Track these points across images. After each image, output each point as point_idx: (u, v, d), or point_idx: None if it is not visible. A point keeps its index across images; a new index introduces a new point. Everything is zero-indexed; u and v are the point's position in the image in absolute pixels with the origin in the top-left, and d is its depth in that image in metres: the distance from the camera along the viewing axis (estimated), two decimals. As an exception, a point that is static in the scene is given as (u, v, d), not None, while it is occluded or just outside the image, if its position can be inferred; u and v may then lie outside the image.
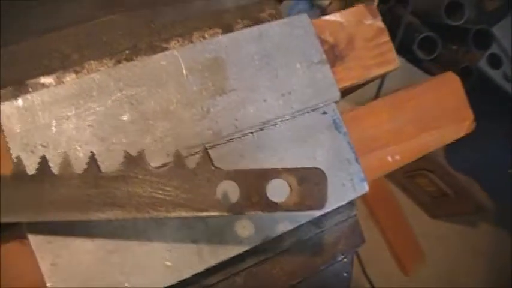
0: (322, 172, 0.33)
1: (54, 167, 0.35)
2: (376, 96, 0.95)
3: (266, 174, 0.33)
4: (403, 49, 1.05)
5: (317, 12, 1.29)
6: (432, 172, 1.29)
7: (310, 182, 0.33)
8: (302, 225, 0.43)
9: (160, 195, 0.33)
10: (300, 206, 0.33)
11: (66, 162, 0.34)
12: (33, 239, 0.37)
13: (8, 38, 0.43)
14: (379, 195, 1.36)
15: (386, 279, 1.33)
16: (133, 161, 0.33)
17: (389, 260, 1.36)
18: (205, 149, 0.35)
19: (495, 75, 1.13)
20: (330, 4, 1.32)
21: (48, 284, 0.36)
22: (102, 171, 0.34)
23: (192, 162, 0.34)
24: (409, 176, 1.37)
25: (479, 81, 1.13)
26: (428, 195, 1.39)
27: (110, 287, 0.37)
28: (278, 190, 0.33)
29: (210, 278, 0.42)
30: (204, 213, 0.33)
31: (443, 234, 1.43)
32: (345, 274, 0.47)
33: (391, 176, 1.40)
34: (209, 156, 0.34)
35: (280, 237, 0.43)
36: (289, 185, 0.33)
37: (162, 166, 0.36)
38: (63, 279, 0.37)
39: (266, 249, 0.43)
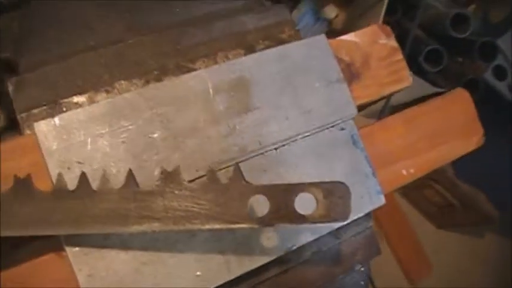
0: (346, 186, 0.36)
1: (92, 182, 0.37)
2: (384, 108, 0.97)
3: (294, 189, 0.35)
4: (409, 61, 1.07)
5: (324, 25, 1.32)
6: (438, 183, 1.31)
7: (335, 196, 0.35)
8: (322, 236, 0.46)
9: (195, 209, 0.36)
10: (326, 218, 0.35)
11: (104, 179, 0.37)
12: (70, 251, 0.39)
13: (41, 60, 0.46)
14: (386, 207, 1.38)
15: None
16: (169, 176, 0.36)
17: (396, 272, 1.38)
18: (237, 165, 0.38)
19: (501, 86, 1.16)
20: (336, 17, 1.35)
21: (84, 291, 0.39)
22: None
23: (223, 177, 0.36)
24: (415, 187, 1.39)
25: (485, 92, 1.16)
26: (434, 205, 1.41)
27: (142, 296, 0.40)
28: (305, 203, 0.36)
29: (236, 287, 0.44)
30: (236, 226, 0.36)
31: (449, 245, 1.45)
32: (362, 283, 0.50)
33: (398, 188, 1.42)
34: (241, 172, 0.36)
35: (302, 248, 0.45)
36: (316, 199, 0.36)
37: (194, 180, 0.39)
38: (98, 288, 0.39)
39: (289, 259, 0.46)
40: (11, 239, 0.38)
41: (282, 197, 0.35)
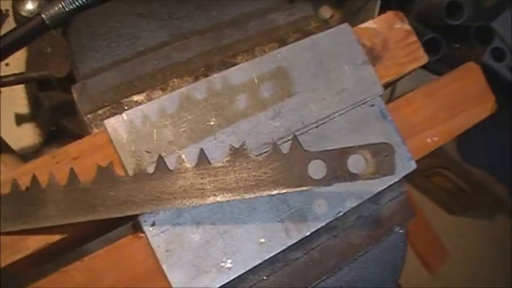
0: (391, 145, 0.43)
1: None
2: (391, 97, 1.05)
3: (346, 151, 0.43)
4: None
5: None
6: (447, 169, 1.39)
7: (381, 154, 0.43)
8: (362, 202, 0.53)
9: (262, 178, 0.43)
10: (375, 175, 0.43)
11: (180, 160, 0.44)
12: (148, 231, 0.46)
13: (97, 68, 0.53)
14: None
15: (412, 278, 1.41)
16: (237, 152, 0.43)
17: (414, 260, 1.46)
18: (295, 136, 0.45)
19: (500, 68, 1.24)
20: (331, 17, 1.44)
21: (164, 266, 0.46)
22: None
23: (283, 149, 0.44)
24: (425, 176, 1.47)
25: (486, 75, 1.24)
26: (445, 192, 1.49)
27: (215, 265, 0.47)
28: (356, 164, 0.43)
29: (293, 253, 0.51)
30: (299, 189, 0.43)
31: (464, 231, 1.53)
32: (402, 244, 0.57)
33: (408, 178, 1.49)
34: (299, 142, 0.44)
35: (346, 215, 0.53)
36: (365, 159, 0.43)
37: (259, 154, 0.47)
38: (175, 262, 0.46)
39: (335, 225, 0.53)
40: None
41: (337, 159, 0.43)
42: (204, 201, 0.43)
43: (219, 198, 0.43)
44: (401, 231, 0.57)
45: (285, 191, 0.43)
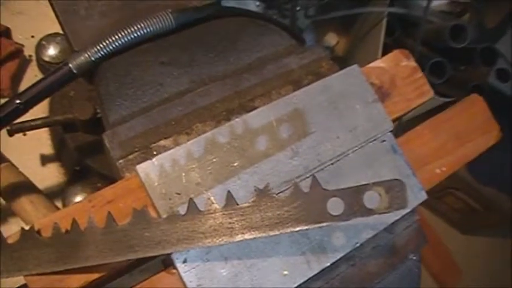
0: (402, 181, 0.48)
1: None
2: (397, 125, 1.09)
3: (362, 188, 0.48)
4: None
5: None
6: (458, 190, 1.44)
7: (394, 190, 0.48)
8: (378, 233, 0.58)
9: (285, 215, 0.48)
10: (389, 209, 0.48)
11: (209, 202, 0.49)
12: (180, 267, 0.51)
13: (126, 115, 0.59)
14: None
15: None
16: (262, 192, 0.49)
17: (429, 281, 1.49)
18: (315, 176, 0.50)
19: (505, 88, 1.29)
20: (337, 43, 1.50)
21: (197, 301, 0.51)
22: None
23: (304, 188, 0.49)
24: (436, 197, 1.52)
25: (491, 96, 1.29)
26: (457, 212, 1.53)
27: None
28: (371, 199, 0.48)
29: (315, 282, 0.56)
30: (320, 224, 0.48)
31: (477, 249, 1.57)
32: (416, 270, 0.62)
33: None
34: (318, 181, 0.49)
35: (363, 245, 0.58)
36: (379, 194, 0.48)
37: (280, 192, 0.52)
38: (207, 296, 0.51)
39: (353, 255, 0.58)
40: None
41: (353, 196, 0.48)
42: (233, 240, 0.48)
43: (246, 236, 0.48)
44: (415, 257, 0.61)
45: (306, 227, 0.48)
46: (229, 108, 0.59)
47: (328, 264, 0.54)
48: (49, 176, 0.95)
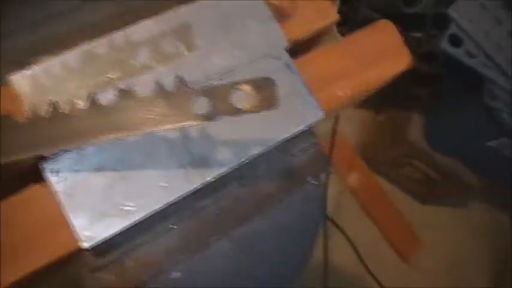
0: (272, 79, 0.46)
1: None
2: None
3: (229, 87, 0.46)
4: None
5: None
6: (415, 158, 1.42)
7: (264, 89, 0.46)
8: (272, 153, 0.56)
9: (149, 116, 0.46)
10: (259, 108, 0.46)
11: (72, 103, 0.47)
12: (52, 179, 0.49)
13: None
14: (370, 192, 1.50)
15: (391, 271, 1.44)
16: (125, 93, 0.47)
17: (392, 253, 1.48)
18: (179, 75, 0.48)
19: (458, 53, 1.27)
20: None
21: (67, 210, 0.49)
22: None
23: (170, 88, 0.47)
24: (393, 166, 1.50)
25: (445, 61, 1.28)
26: (416, 182, 1.51)
27: (118, 209, 0.50)
28: (240, 99, 0.46)
29: (201, 201, 0.54)
30: (185, 124, 0.46)
31: (437, 219, 1.56)
32: (318, 195, 0.60)
33: (376, 169, 1.53)
34: (184, 80, 0.47)
35: (255, 165, 0.56)
36: (248, 93, 0.46)
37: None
38: (77, 205, 0.49)
39: (244, 175, 0.56)
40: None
41: (221, 95, 0.46)
42: (97, 141, 0.46)
43: (111, 137, 0.46)
44: (316, 182, 0.59)
45: (170, 126, 0.46)
46: (118, 26, 0.57)
47: (210, 178, 0.52)
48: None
